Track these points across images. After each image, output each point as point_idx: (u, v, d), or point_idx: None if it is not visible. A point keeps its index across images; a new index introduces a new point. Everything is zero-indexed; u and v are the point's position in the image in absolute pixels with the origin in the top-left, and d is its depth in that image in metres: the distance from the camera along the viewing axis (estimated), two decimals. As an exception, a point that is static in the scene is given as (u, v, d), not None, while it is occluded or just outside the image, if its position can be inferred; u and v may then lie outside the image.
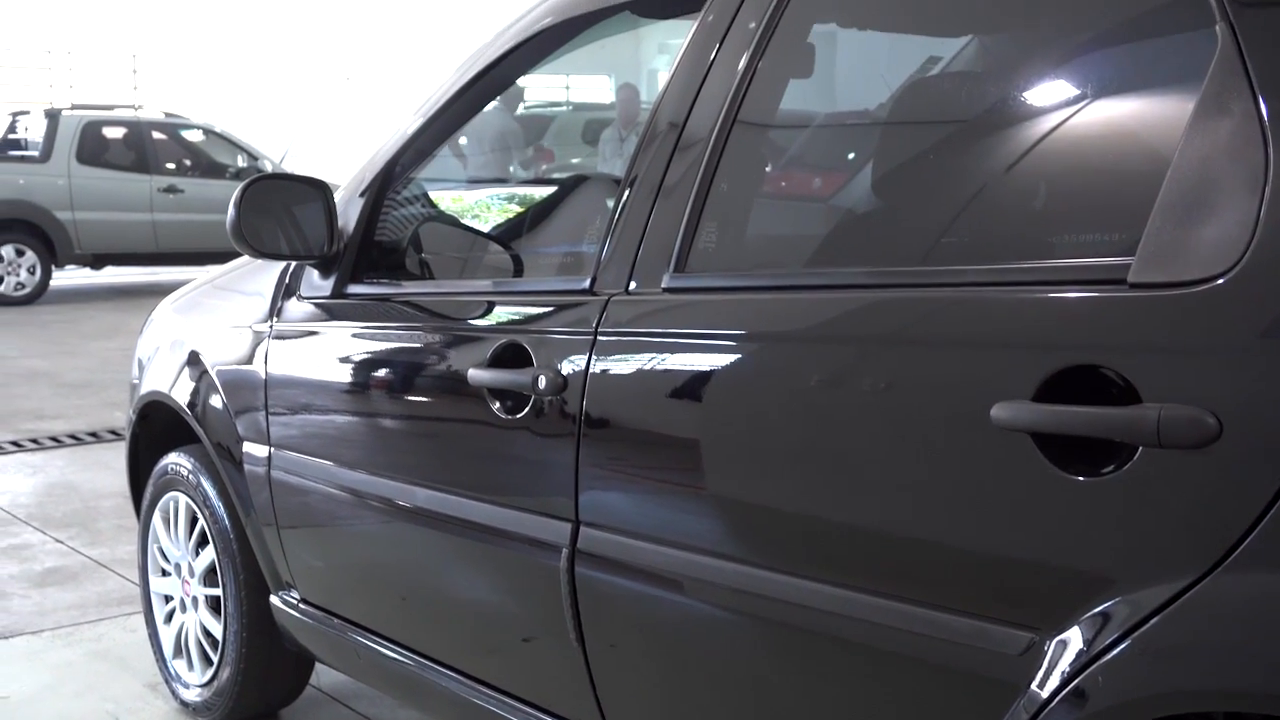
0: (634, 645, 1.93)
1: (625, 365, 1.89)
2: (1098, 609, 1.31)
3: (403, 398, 2.43)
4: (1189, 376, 1.27)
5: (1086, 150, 1.57)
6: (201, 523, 2.97)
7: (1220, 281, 1.25)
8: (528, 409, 2.00)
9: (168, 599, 3.18)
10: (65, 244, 12.10)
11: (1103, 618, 1.31)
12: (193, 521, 3.03)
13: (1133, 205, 1.37)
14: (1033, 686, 1.36)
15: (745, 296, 1.81)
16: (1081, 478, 1.33)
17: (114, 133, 12.70)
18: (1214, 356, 1.26)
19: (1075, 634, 1.33)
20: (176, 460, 3.05)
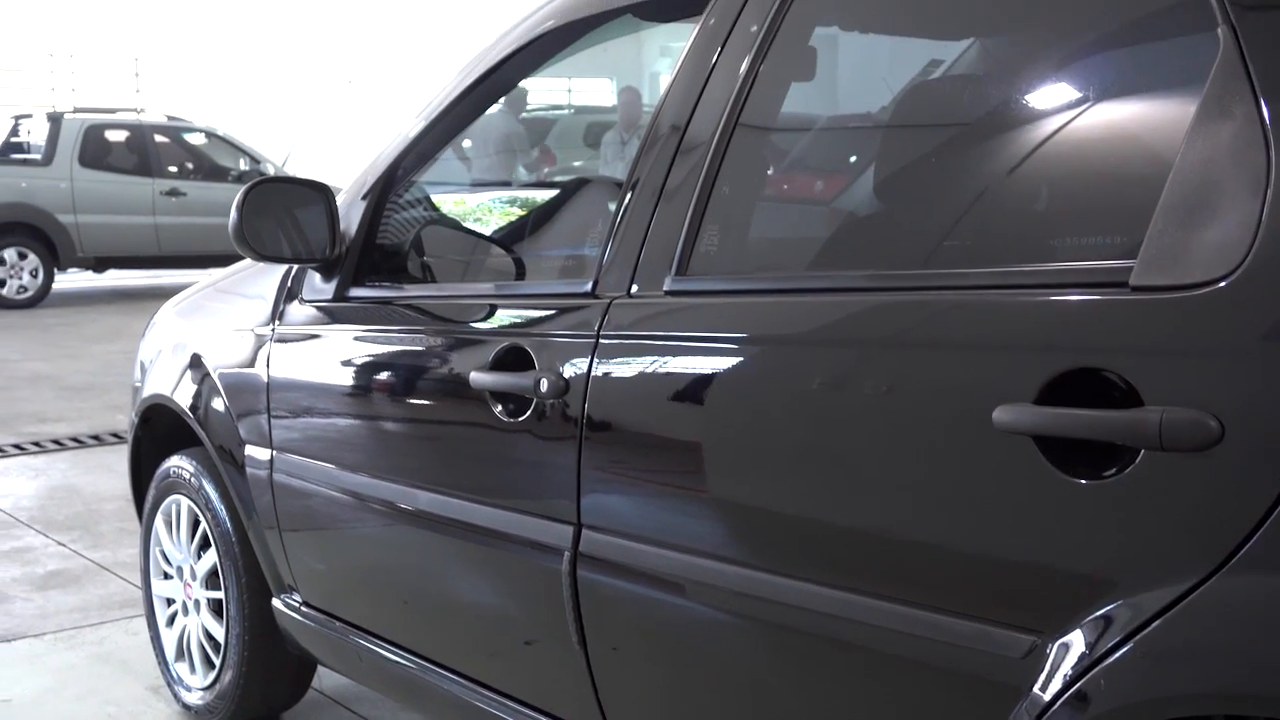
0: (636, 648, 1.93)
1: (627, 368, 1.89)
2: (1100, 612, 1.31)
3: (404, 401, 2.43)
4: (1191, 379, 1.27)
5: (1088, 153, 1.57)
6: (203, 526, 2.97)
7: (1222, 284, 1.25)
8: (529, 412, 2.00)
9: (170, 602, 3.18)
10: (67, 247, 12.10)
11: (1105, 621, 1.31)
12: (195, 524, 3.03)
13: (1135, 208, 1.37)
14: (1035, 689, 1.36)
15: (747, 300, 1.81)
16: (1083, 480, 1.33)
17: (116, 136, 12.70)
18: (1216, 359, 1.26)
19: (1077, 637, 1.33)
20: (179, 463, 3.05)
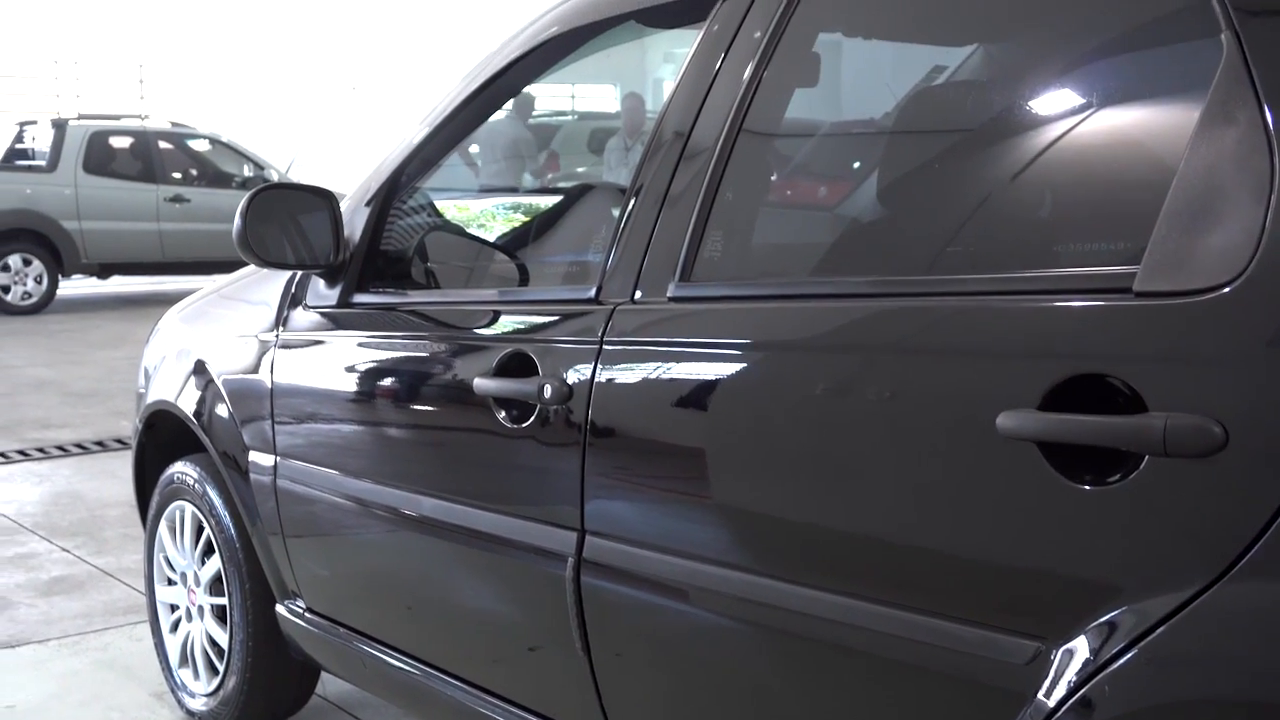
0: (639, 654, 1.93)
1: (631, 374, 1.89)
2: (1104, 618, 1.31)
3: (408, 407, 2.43)
4: (1195, 385, 1.26)
5: (1092, 159, 1.56)
6: (207, 532, 2.97)
7: (1226, 290, 1.25)
8: (533, 418, 2.00)
9: (173, 608, 3.18)
10: (72, 253, 12.12)
11: (1109, 627, 1.31)
12: (199, 530, 3.03)
13: (1138, 214, 1.37)
14: (1039, 696, 1.35)
15: (750, 305, 1.81)
16: (1087, 486, 1.33)
17: (120, 142, 12.72)
18: (1220, 365, 1.26)
19: (1081, 643, 1.33)
20: (182, 469, 3.05)
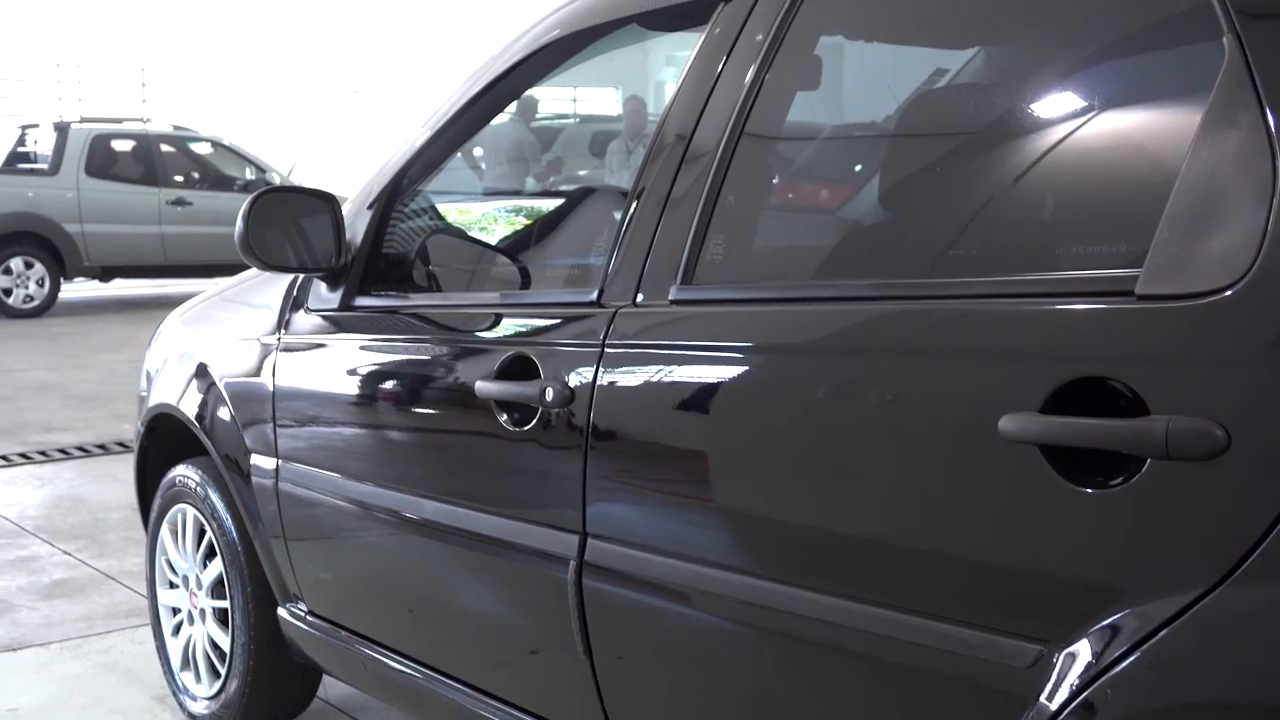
0: (642, 657, 1.93)
1: (632, 377, 1.88)
2: (1106, 621, 1.31)
3: (410, 410, 2.43)
4: (1197, 388, 1.26)
5: (1094, 162, 1.56)
6: (209, 535, 2.97)
7: (1228, 293, 1.25)
8: (535, 421, 2.00)
9: (175, 611, 3.18)
10: (74, 256, 12.13)
11: (1111, 630, 1.31)
12: (200, 534, 3.03)
13: (1140, 217, 1.37)
14: (1041, 699, 1.35)
15: (752, 309, 1.81)
16: (1089, 489, 1.33)
17: (122, 146, 12.73)
18: (1222, 368, 1.26)
19: (1084, 646, 1.33)
20: (184, 472, 3.05)
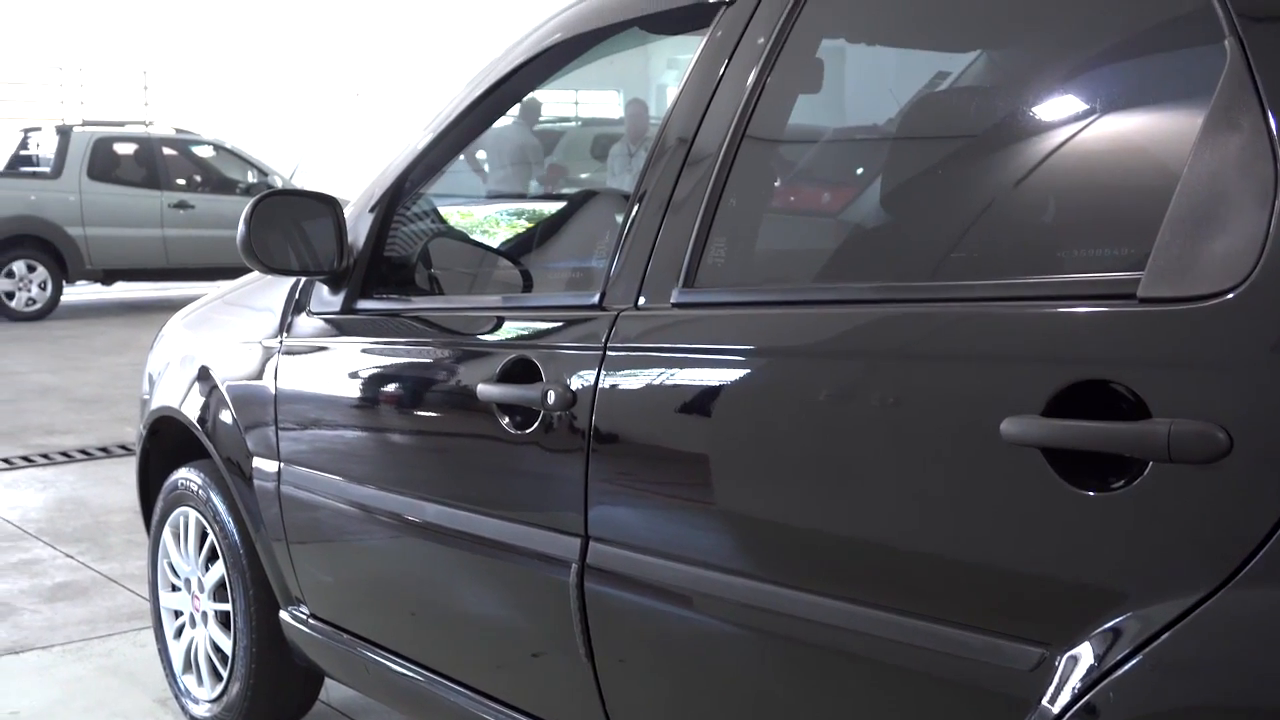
0: (643, 660, 1.93)
1: (634, 380, 1.89)
2: (1108, 624, 1.31)
3: (412, 413, 2.43)
4: (1199, 391, 1.26)
5: (1095, 165, 1.56)
6: (211, 538, 2.97)
7: (1230, 296, 1.25)
8: (537, 424, 2.00)
9: (177, 614, 3.18)
10: (76, 259, 12.15)
11: (1114, 633, 1.31)
12: (202, 537, 3.03)
13: (1142, 220, 1.37)
14: (1044, 702, 1.35)
15: (754, 311, 1.81)
16: (1092, 493, 1.33)
17: (125, 149, 12.75)
18: (1224, 371, 1.26)
19: (1086, 649, 1.33)
20: (186, 475, 3.05)
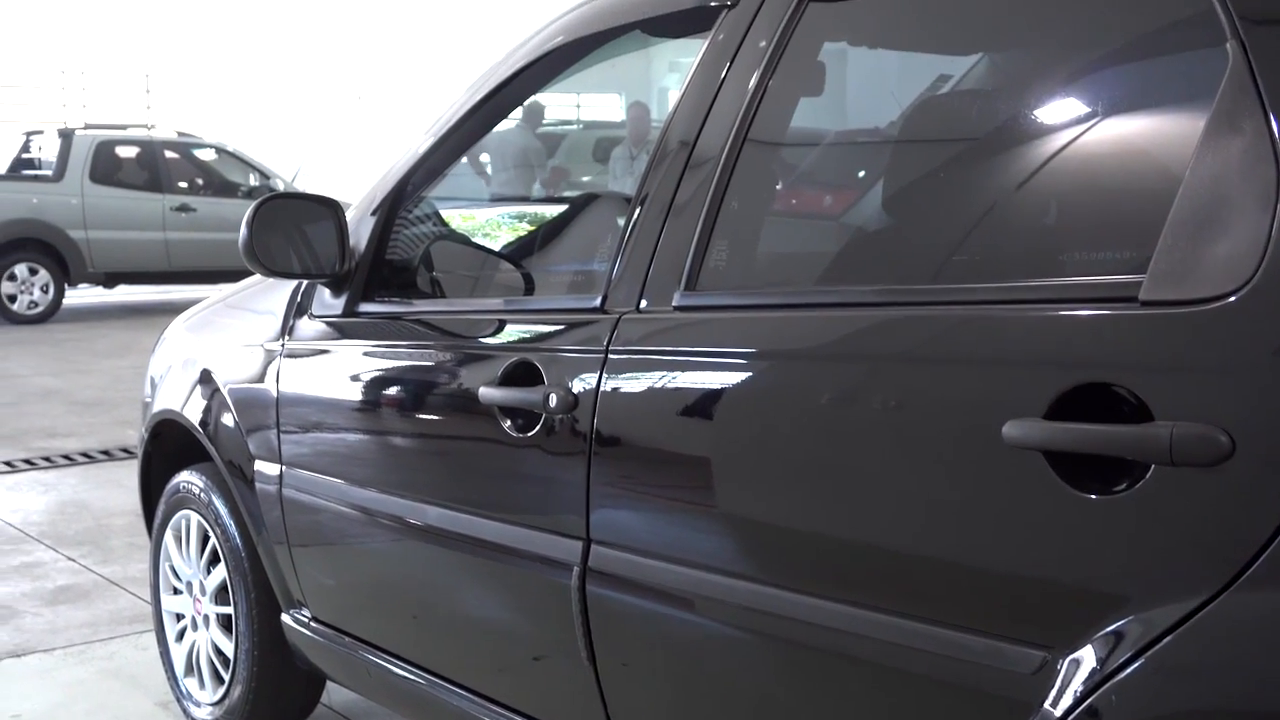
0: (645, 663, 1.93)
1: (636, 383, 1.89)
2: (1110, 627, 1.31)
3: (414, 416, 2.43)
4: (1201, 394, 1.26)
5: (1097, 168, 1.56)
6: (213, 541, 2.98)
7: (1232, 299, 1.25)
8: (539, 427, 2.00)
9: (179, 617, 3.18)
10: (78, 263, 12.15)
11: (1115, 636, 1.30)
12: (204, 540, 3.03)
13: (1144, 223, 1.37)
14: (1046, 705, 1.35)
15: (756, 315, 1.81)
16: (1094, 496, 1.32)
17: (127, 152, 12.75)
18: (1226, 374, 1.25)
19: (1088, 652, 1.32)
20: (188, 478, 3.06)
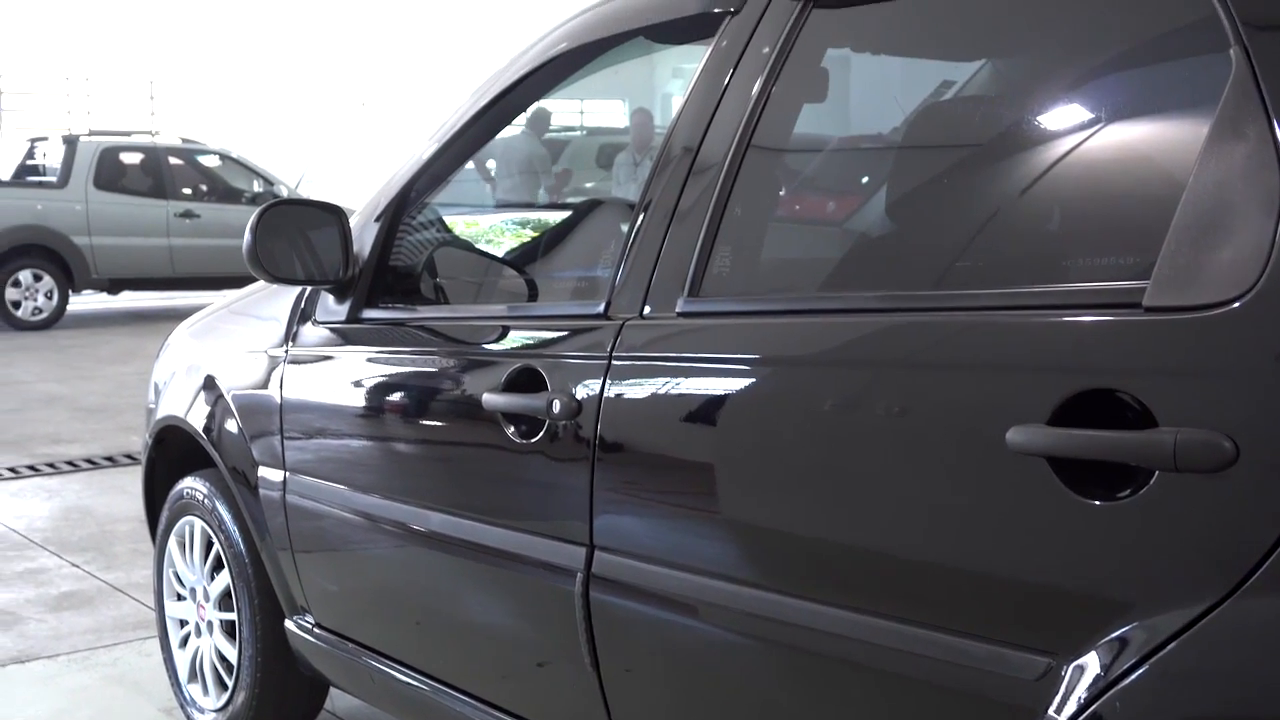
0: (649, 670, 1.93)
1: (639, 389, 1.89)
2: (1114, 634, 1.31)
3: (417, 422, 2.43)
4: (1205, 400, 1.26)
5: (1101, 174, 1.56)
6: (217, 547, 2.98)
7: (1236, 305, 1.25)
8: (542, 433, 2.00)
9: (183, 623, 3.18)
10: (82, 269, 12.16)
11: (1120, 643, 1.30)
12: (208, 546, 3.03)
13: (1148, 229, 1.37)
14: (1050, 712, 1.35)
15: (759, 321, 1.81)
16: (1098, 502, 1.32)
17: (131, 158, 12.77)
18: (1230, 380, 1.25)
19: (1092, 659, 1.32)
20: (192, 485, 3.06)
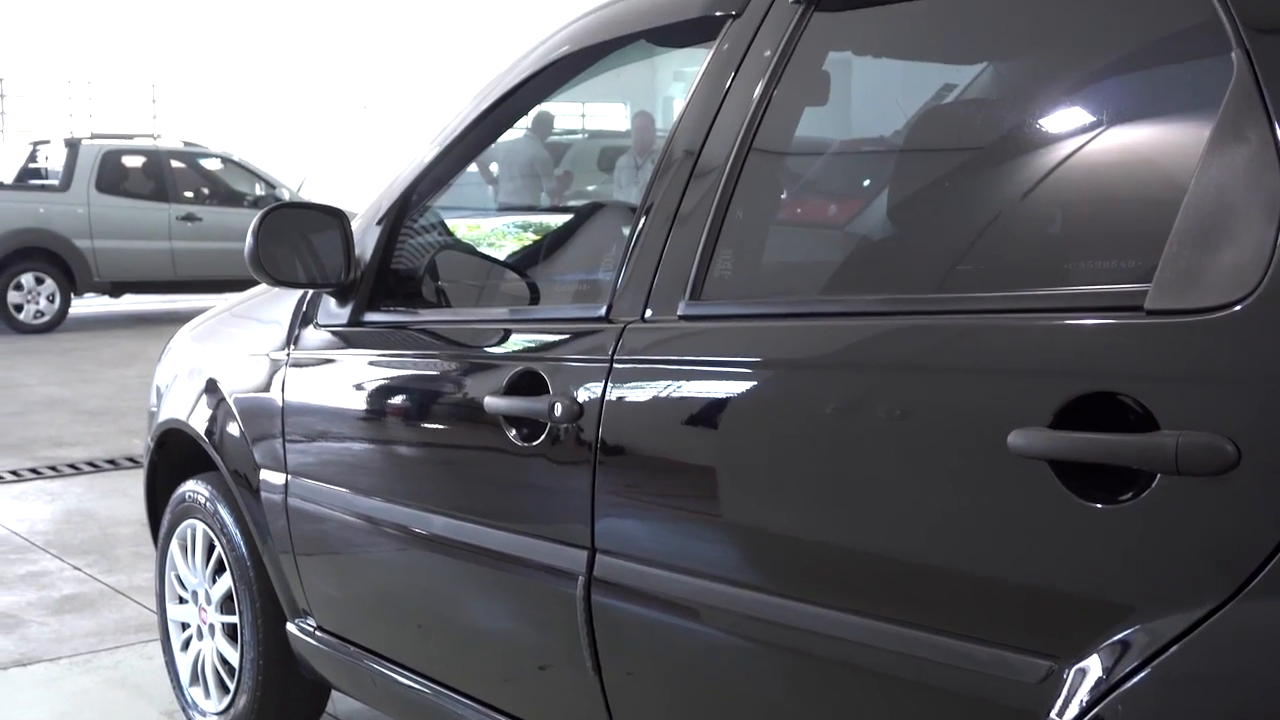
0: (651, 673, 1.92)
1: (641, 393, 1.89)
2: (1116, 637, 1.31)
3: (419, 425, 2.43)
4: (1207, 403, 1.26)
5: (1103, 177, 1.56)
6: (219, 550, 2.98)
7: (1237, 308, 1.25)
8: (543, 436, 2.00)
9: (185, 626, 3.18)
10: (84, 272, 12.17)
11: (1122, 646, 1.30)
12: (210, 549, 3.04)
13: (1150, 232, 1.37)
14: (1052, 715, 1.35)
15: (761, 324, 1.81)
16: (1099, 505, 1.32)
17: (133, 162, 12.78)
18: (1232, 383, 1.25)
19: (1094, 662, 1.32)
20: (194, 488, 3.06)
